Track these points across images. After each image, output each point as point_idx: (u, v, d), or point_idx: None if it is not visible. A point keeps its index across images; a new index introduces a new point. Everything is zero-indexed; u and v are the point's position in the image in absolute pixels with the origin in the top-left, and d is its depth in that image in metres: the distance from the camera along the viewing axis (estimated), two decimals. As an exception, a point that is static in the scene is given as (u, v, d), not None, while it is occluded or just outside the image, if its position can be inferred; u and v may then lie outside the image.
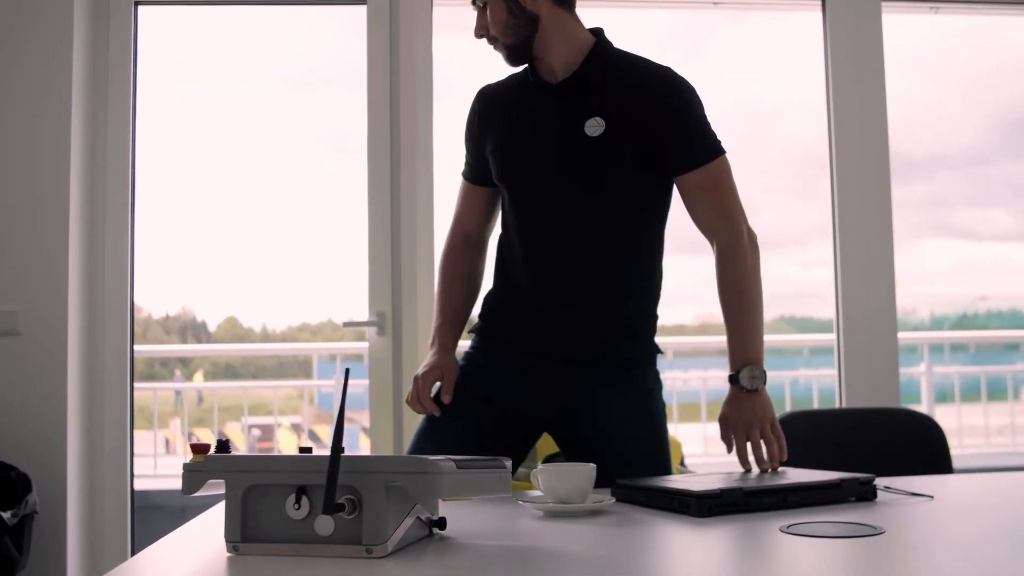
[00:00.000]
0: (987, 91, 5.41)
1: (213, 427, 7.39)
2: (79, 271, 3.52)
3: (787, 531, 1.50)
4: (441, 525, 1.50)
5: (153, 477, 6.46)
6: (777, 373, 7.80)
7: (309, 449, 1.49)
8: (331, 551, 1.34)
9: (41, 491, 3.25)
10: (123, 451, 3.61)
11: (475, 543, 1.49)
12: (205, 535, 1.54)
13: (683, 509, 1.67)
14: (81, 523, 3.50)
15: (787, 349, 8.73)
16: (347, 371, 1.38)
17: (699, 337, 8.58)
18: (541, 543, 1.52)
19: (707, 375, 8.02)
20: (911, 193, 6.53)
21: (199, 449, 1.44)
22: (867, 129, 3.85)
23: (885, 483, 1.93)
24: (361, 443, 7.33)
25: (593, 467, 1.77)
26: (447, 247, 2.44)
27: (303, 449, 1.50)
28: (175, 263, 6.12)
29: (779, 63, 5.45)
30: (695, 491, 1.66)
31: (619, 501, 1.82)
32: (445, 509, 1.54)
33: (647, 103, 2.16)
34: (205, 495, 1.45)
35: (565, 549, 1.47)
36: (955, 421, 7.18)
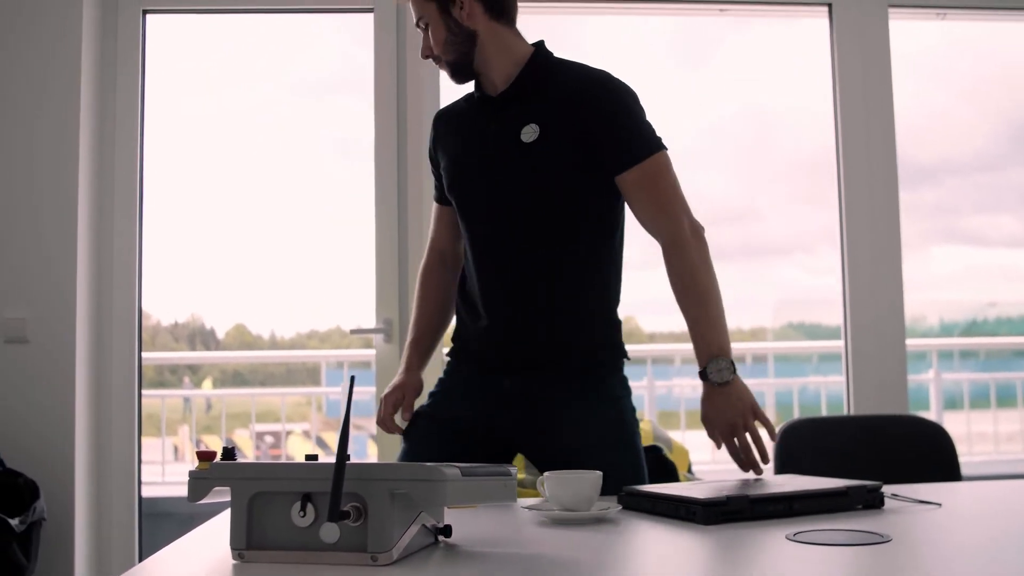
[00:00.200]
0: (995, 97, 5.39)
1: (221, 434, 7.39)
2: (87, 279, 3.53)
3: (793, 539, 1.49)
4: (447, 532, 1.50)
5: (161, 484, 6.45)
6: (785, 380, 7.78)
7: (315, 456, 1.49)
8: (336, 558, 1.33)
9: (49, 498, 3.26)
10: (131, 458, 3.62)
11: (480, 550, 1.49)
12: (211, 542, 1.54)
13: (689, 517, 1.67)
14: (89, 530, 3.51)
15: (795, 356, 8.71)
16: (352, 378, 1.38)
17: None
18: (547, 551, 1.52)
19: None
20: (919, 199, 6.52)
21: (205, 457, 1.44)
22: (874, 135, 3.85)
23: (892, 490, 1.92)
24: (369, 450, 7.33)
25: (599, 474, 1.76)
26: (422, 267, 2.49)
27: (309, 456, 1.50)
28: (184, 270, 6.14)
29: (786, 69, 5.45)
30: (701, 499, 1.66)
31: (625, 508, 1.82)
32: (451, 516, 1.54)
33: (581, 107, 2.18)
34: (211, 502, 1.45)
35: (571, 557, 1.46)
36: (964, 428, 7.15)
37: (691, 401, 7.57)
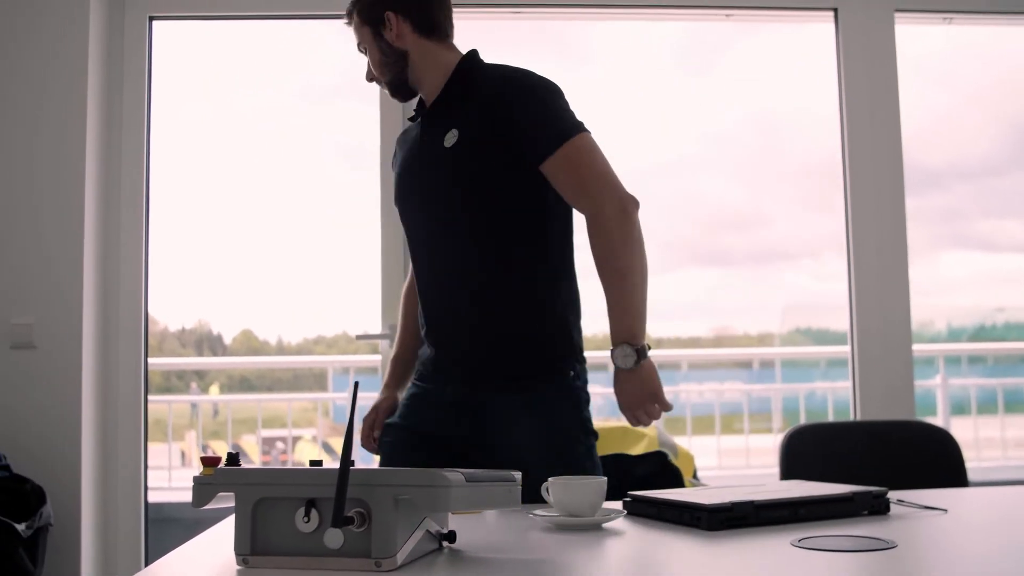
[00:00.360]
0: (1003, 101, 5.38)
1: (227, 440, 7.40)
2: (94, 285, 3.54)
3: (798, 545, 1.49)
4: (451, 538, 1.50)
5: (168, 490, 6.46)
6: (792, 385, 7.77)
7: (320, 462, 1.49)
8: (340, 564, 1.33)
9: (55, 503, 3.26)
10: (137, 463, 3.62)
11: (485, 556, 1.49)
12: (215, 548, 1.54)
13: (694, 522, 1.66)
14: (95, 535, 3.51)
15: (803, 361, 8.70)
16: (356, 384, 1.38)
17: (714, 349, 8.56)
18: (551, 556, 1.51)
19: (723, 387, 7.99)
20: (927, 204, 6.51)
21: (209, 462, 1.44)
22: (880, 140, 3.85)
23: (898, 496, 1.92)
24: (374, 456, 7.32)
25: (604, 480, 1.76)
26: (406, 284, 2.55)
27: (313, 462, 1.50)
28: (191, 276, 6.15)
29: (793, 75, 5.45)
30: (706, 504, 1.65)
31: (630, 514, 1.81)
32: (455, 522, 1.54)
33: (497, 106, 2.19)
34: (217, 508, 1.45)
35: (576, 562, 1.46)
36: (972, 433, 7.13)
37: (698, 406, 7.56)
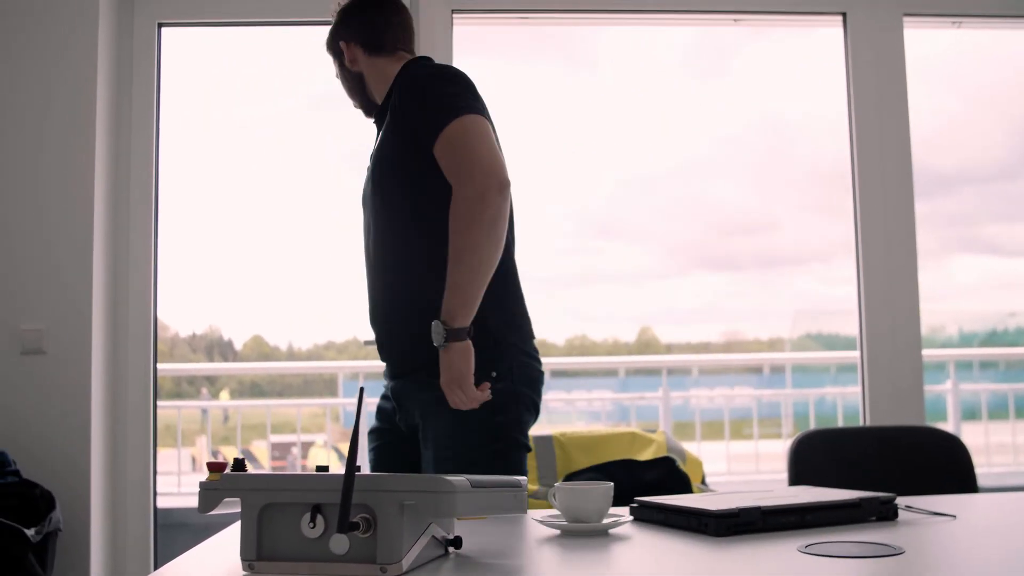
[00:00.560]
0: (1013, 105, 5.37)
1: (237, 445, 7.41)
2: (103, 291, 3.55)
3: (805, 551, 1.48)
4: (457, 544, 1.50)
5: (177, 495, 6.47)
6: (802, 391, 7.75)
7: (326, 467, 1.49)
8: (346, 570, 1.33)
9: (65, 509, 3.27)
10: (146, 469, 3.63)
11: (491, 562, 1.48)
12: (222, 553, 1.55)
13: (701, 528, 1.66)
14: (104, 540, 3.52)
15: (814, 366, 8.68)
16: (361, 389, 1.38)
17: (724, 355, 8.55)
18: (558, 562, 1.51)
19: (733, 393, 7.98)
20: (938, 208, 6.50)
21: (215, 468, 1.44)
22: (889, 144, 3.84)
23: (907, 502, 1.91)
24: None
25: (610, 486, 1.76)
26: None
27: (319, 467, 1.50)
28: (202, 282, 6.16)
29: (802, 79, 5.45)
30: (713, 510, 1.65)
31: (636, 520, 1.81)
32: (461, 528, 1.54)
33: (395, 104, 2.26)
34: (226, 513, 1.45)
35: (582, 569, 1.46)
36: (983, 439, 7.11)
37: (707, 412, 7.55)
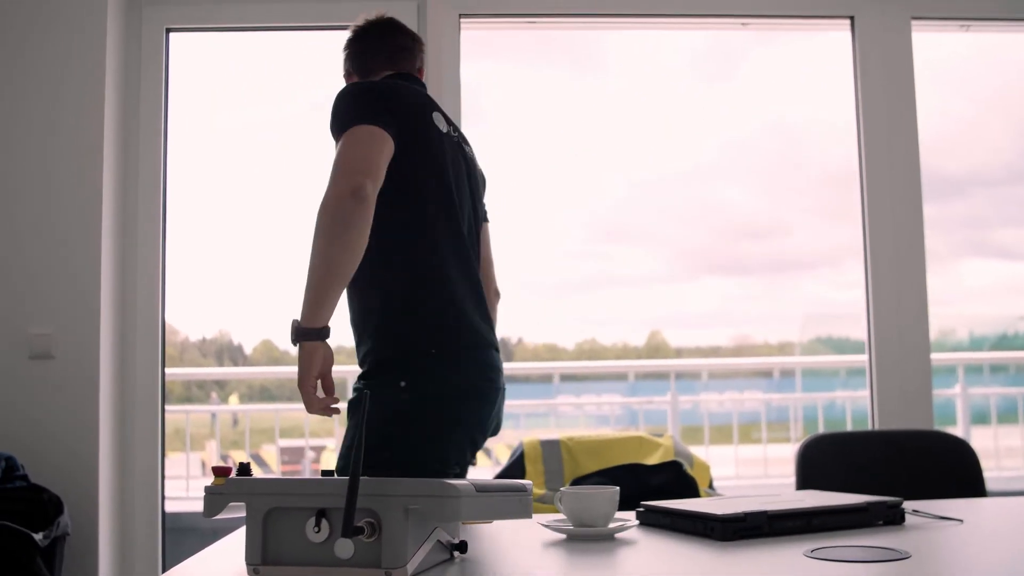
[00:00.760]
0: (1023, 108, 5.36)
1: (246, 449, 7.42)
2: (111, 295, 3.56)
3: (811, 555, 1.48)
4: (462, 548, 1.50)
5: (186, 499, 6.48)
6: (810, 395, 7.73)
7: (331, 472, 1.49)
8: (351, 574, 1.33)
9: (73, 513, 3.27)
10: (154, 473, 3.63)
11: (496, 567, 1.48)
12: (227, 558, 1.55)
13: (707, 533, 1.66)
14: (112, 545, 3.53)
15: (824, 370, 8.65)
16: (367, 394, 1.38)
17: (734, 359, 8.53)
18: (563, 567, 1.51)
19: (742, 397, 7.96)
20: (948, 212, 6.48)
21: (221, 472, 1.44)
22: (897, 148, 3.83)
23: (914, 506, 1.90)
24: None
25: (616, 490, 1.76)
26: None
27: (325, 472, 1.50)
28: (212, 287, 6.16)
29: (811, 83, 5.44)
30: (719, 515, 1.65)
31: (643, 524, 1.81)
32: (466, 532, 1.54)
33: None
34: (232, 517, 1.45)
35: (588, 573, 1.46)
36: (992, 443, 7.08)
37: (716, 416, 7.54)
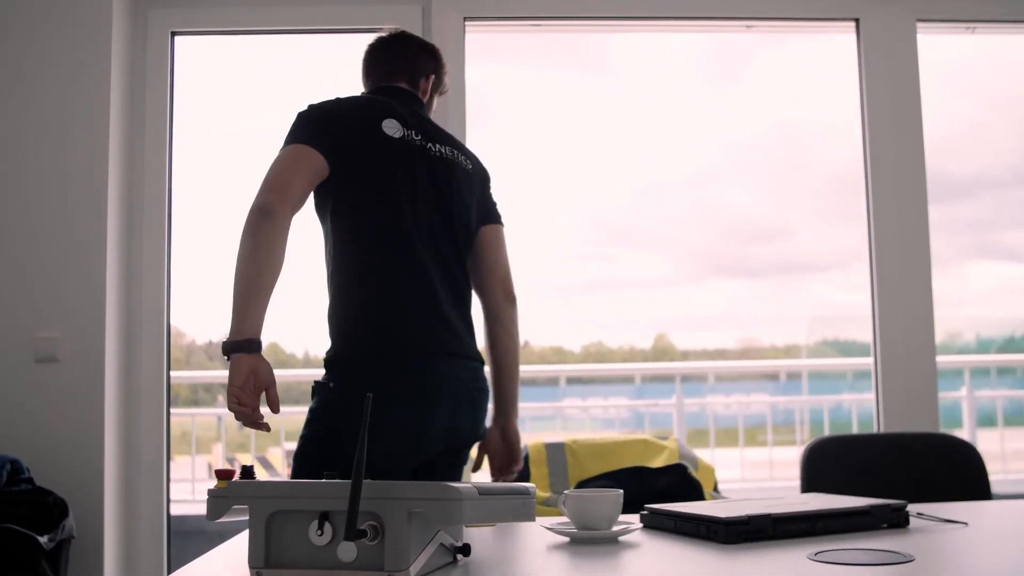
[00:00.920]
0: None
1: (252, 452, 7.44)
2: (116, 299, 3.57)
3: (815, 558, 1.48)
4: (465, 552, 1.50)
5: (192, 502, 6.49)
6: (816, 397, 7.73)
7: (334, 475, 1.49)
8: (354, 577, 1.33)
9: (78, 516, 3.28)
10: (159, 476, 3.64)
11: (500, 570, 1.48)
12: (230, 560, 1.55)
13: (711, 536, 1.65)
14: (117, 548, 3.53)
15: (831, 373, 8.64)
16: (370, 398, 1.38)
17: (740, 361, 8.52)
18: (566, 570, 1.51)
19: (749, 400, 7.96)
20: (955, 214, 6.47)
21: (224, 475, 1.44)
22: (902, 151, 3.83)
23: (918, 509, 1.90)
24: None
25: (620, 493, 1.75)
26: None
27: (328, 475, 1.50)
28: (218, 290, 6.15)
29: (818, 85, 5.43)
30: (722, 517, 1.64)
31: (646, 527, 1.81)
32: (470, 535, 1.54)
33: None
34: (232, 520, 1.45)
35: (589, 576, 1.46)
36: (998, 446, 7.07)
37: (722, 419, 7.54)
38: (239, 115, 5.46)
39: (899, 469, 2.68)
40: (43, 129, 3.53)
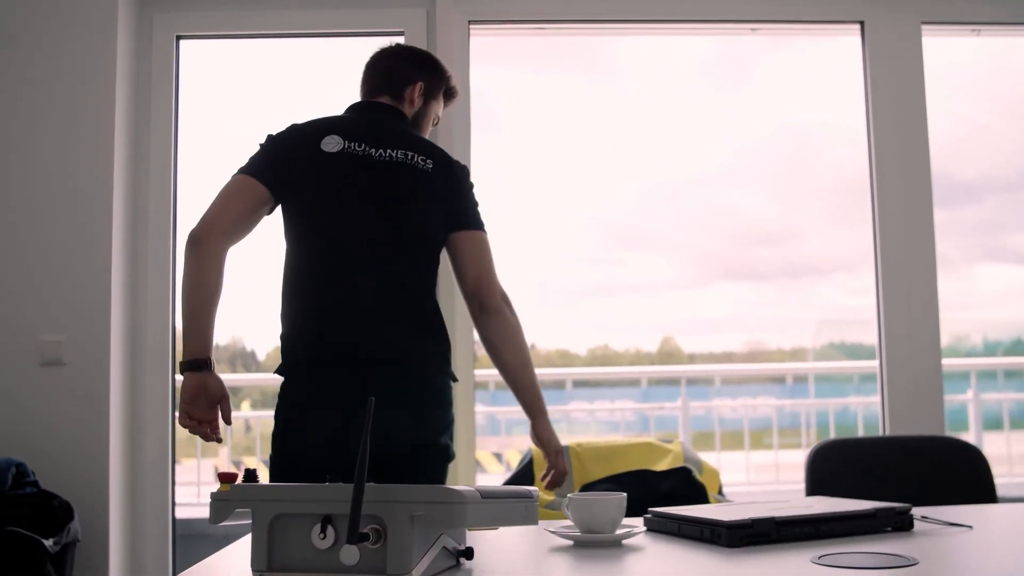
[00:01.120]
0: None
1: (257, 455, 7.44)
2: (122, 302, 3.57)
3: (819, 562, 1.47)
4: (468, 555, 1.49)
5: (198, 505, 6.49)
6: (822, 400, 7.72)
7: (337, 478, 1.49)
8: (356, 581, 1.33)
9: (83, 519, 3.28)
10: (164, 479, 3.64)
11: (503, 573, 1.48)
12: (234, 563, 1.55)
13: (714, 539, 1.65)
14: (123, 551, 3.53)
15: (837, 376, 8.63)
16: (372, 401, 1.38)
17: (747, 364, 8.52)
18: (570, 573, 1.51)
19: (755, 403, 7.95)
20: (961, 217, 6.45)
21: (226, 478, 1.44)
22: (908, 153, 3.82)
23: (923, 513, 1.90)
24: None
25: (623, 496, 1.75)
26: None
27: (330, 479, 1.50)
28: (225, 293, 6.16)
29: (824, 88, 5.43)
30: (726, 521, 1.64)
31: (650, 531, 1.80)
32: (473, 539, 1.54)
33: None
34: (235, 524, 1.45)
35: (592, 579, 1.46)
36: (1005, 449, 7.05)
37: (727, 422, 7.53)
38: (244, 119, 5.46)
39: (905, 472, 2.68)
40: (49, 133, 3.54)
